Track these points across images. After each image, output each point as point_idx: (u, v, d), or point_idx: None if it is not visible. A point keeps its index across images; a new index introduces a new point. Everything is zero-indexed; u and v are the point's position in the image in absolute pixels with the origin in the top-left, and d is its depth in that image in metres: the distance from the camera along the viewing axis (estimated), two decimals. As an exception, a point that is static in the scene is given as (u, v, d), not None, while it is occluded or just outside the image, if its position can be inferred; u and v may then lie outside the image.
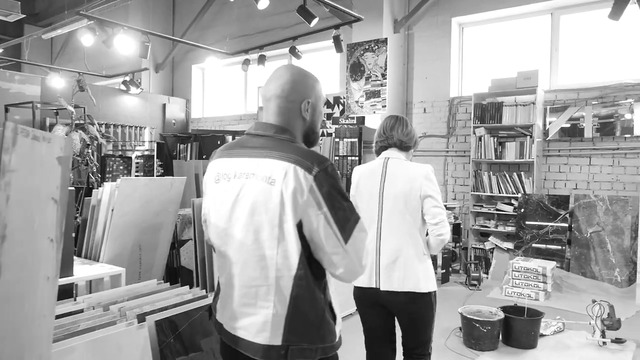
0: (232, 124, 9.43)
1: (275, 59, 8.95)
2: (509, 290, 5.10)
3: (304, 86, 1.45)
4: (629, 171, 5.56)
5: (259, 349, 1.35)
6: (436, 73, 6.88)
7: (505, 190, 5.95)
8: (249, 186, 1.36)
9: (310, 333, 1.35)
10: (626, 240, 5.18)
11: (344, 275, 1.36)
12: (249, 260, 1.36)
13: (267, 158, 1.34)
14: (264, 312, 1.34)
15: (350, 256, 1.32)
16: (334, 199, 1.30)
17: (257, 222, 1.34)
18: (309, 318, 1.35)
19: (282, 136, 1.40)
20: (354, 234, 1.33)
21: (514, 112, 5.88)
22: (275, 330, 1.33)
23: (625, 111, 5.51)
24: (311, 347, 1.35)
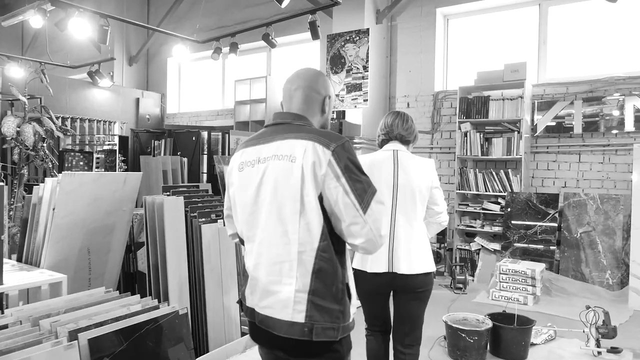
0: (209, 119, 9.04)
1: (252, 52, 8.59)
2: (496, 294, 4.82)
3: (326, 83, 1.61)
4: (619, 168, 5.32)
5: (283, 325, 1.38)
6: (420, 66, 6.59)
7: (492, 189, 5.68)
8: (271, 167, 1.42)
9: (332, 310, 1.38)
10: (618, 240, 4.94)
11: (365, 245, 1.38)
12: (273, 237, 1.41)
13: (287, 139, 1.42)
14: (287, 289, 1.38)
15: (369, 226, 1.36)
16: (351, 171, 1.37)
17: (279, 198, 1.40)
18: (331, 293, 1.39)
19: (300, 121, 1.49)
20: (372, 205, 1.37)
21: (500, 106, 5.61)
22: (298, 306, 1.36)
23: (616, 106, 5.27)
24: (334, 325, 1.38)
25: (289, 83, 1.59)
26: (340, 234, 1.41)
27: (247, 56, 8.75)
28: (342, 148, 1.39)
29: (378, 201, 1.39)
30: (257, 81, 7.66)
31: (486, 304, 4.71)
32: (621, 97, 5.22)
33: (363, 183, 1.38)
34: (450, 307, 4.61)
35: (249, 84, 7.73)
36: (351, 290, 1.46)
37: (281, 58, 8.31)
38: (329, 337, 1.37)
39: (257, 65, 8.56)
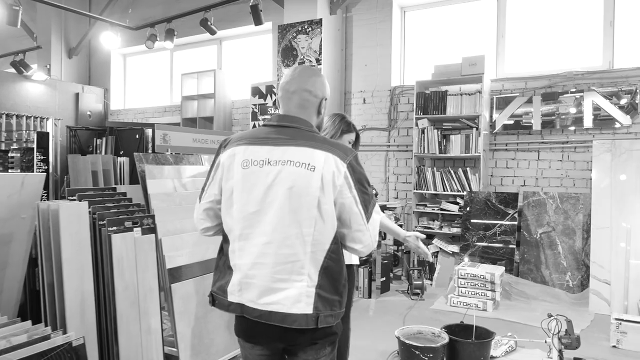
0: (155, 116, 8.47)
1: (201, 45, 8.09)
2: (455, 300, 4.55)
3: (324, 85, 1.65)
4: (579, 166, 5.16)
5: (296, 318, 1.49)
6: (377, 60, 6.28)
7: (450, 188, 5.42)
8: (287, 172, 1.49)
9: (334, 300, 1.54)
10: (578, 241, 4.76)
11: (363, 250, 1.57)
12: (286, 239, 1.49)
13: (302, 147, 1.50)
14: (298, 285, 1.49)
15: (369, 233, 1.54)
16: (361, 184, 1.53)
17: (295, 203, 1.48)
18: (334, 286, 1.55)
19: (306, 127, 1.57)
20: (373, 215, 1.56)
21: (458, 102, 5.36)
22: (307, 299, 1.49)
23: (574, 101, 5.10)
24: (333, 313, 1.53)
25: (287, 84, 1.63)
26: (343, 238, 1.56)
27: (197, 49, 8.25)
28: (356, 162, 1.55)
29: (377, 212, 1.59)
30: (206, 75, 7.18)
31: (444, 311, 4.43)
32: (579, 95, 5.05)
33: (369, 195, 1.55)
34: (407, 316, 4.30)
35: (197, 78, 7.24)
36: (347, 284, 1.63)
37: (232, 51, 7.84)
38: (329, 324, 1.53)
39: (207, 59, 8.06)
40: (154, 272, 2.80)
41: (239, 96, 7.42)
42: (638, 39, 5.08)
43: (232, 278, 1.58)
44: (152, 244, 2.80)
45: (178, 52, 8.51)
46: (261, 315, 1.53)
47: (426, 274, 5.50)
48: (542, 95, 5.25)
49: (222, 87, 7.11)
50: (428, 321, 4.13)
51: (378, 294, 4.89)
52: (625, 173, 4.48)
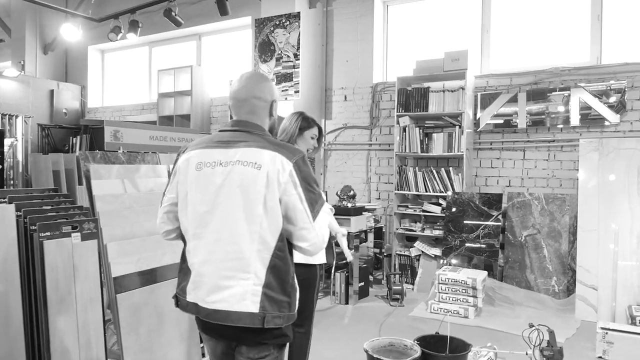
0: (133, 114, 8.20)
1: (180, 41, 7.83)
2: (435, 307, 4.33)
3: (272, 89, 1.72)
4: (565, 166, 4.95)
5: (240, 316, 1.51)
6: (358, 55, 6.05)
7: (433, 189, 5.20)
8: (236, 171, 1.55)
9: (282, 301, 1.55)
10: (564, 244, 4.55)
11: (310, 248, 1.58)
12: (232, 236, 1.53)
13: (250, 148, 1.57)
14: (243, 283, 1.51)
15: (316, 231, 1.57)
16: (307, 182, 1.56)
17: (242, 201, 1.53)
18: (282, 287, 1.56)
19: (258, 131, 1.63)
20: (321, 214, 1.59)
21: (441, 99, 5.14)
22: (253, 298, 1.50)
23: (563, 100, 4.90)
24: (281, 314, 1.54)
25: (237, 92, 1.68)
26: (290, 236, 1.57)
27: (176, 45, 7.99)
28: (302, 162, 1.57)
29: (325, 211, 1.63)
30: (183, 71, 6.92)
31: (424, 318, 4.21)
32: (567, 93, 4.84)
33: (315, 194, 1.58)
34: (384, 324, 4.07)
35: (173, 75, 6.98)
36: (296, 284, 1.62)
37: (212, 47, 7.59)
38: (277, 325, 1.53)
39: (187, 55, 7.80)
40: (96, 281, 2.55)
41: (219, 93, 7.17)
42: (626, 34, 4.89)
43: (189, 278, 1.62)
44: (95, 251, 2.55)
45: (157, 48, 8.25)
46: (208, 315, 1.56)
47: (408, 278, 5.28)
48: (529, 93, 5.04)
49: (200, 84, 6.85)
50: (405, 330, 3.91)
51: (356, 300, 4.66)
52: (613, 173, 4.28)
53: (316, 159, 6.15)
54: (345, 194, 4.73)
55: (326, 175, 6.25)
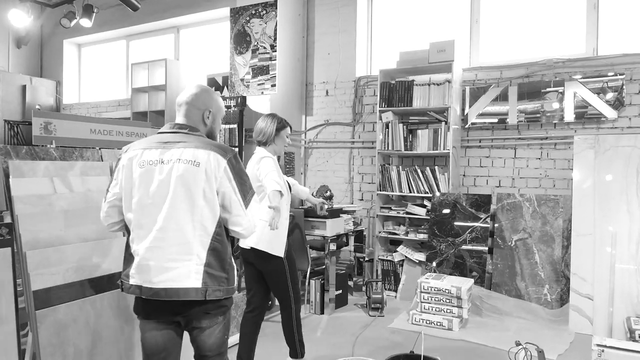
0: (109, 110, 7.83)
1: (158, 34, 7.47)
2: (417, 317, 3.98)
3: (208, 99, 1.96)
4: (559, 165, 4.61)
5: (187, 292, 1.78)
6: (340, 48, 5.70)
7: (417, 189, 4.85)
8: (176, 169, 1.78)
9: (221, 277, 1.84)
10: (557, 249, 4.20)
11: (244, 232, 1.88)
12: (176, 224, 1.78)
13: (189, 148, 1.81)
14: (187, 264, 1.78)
15: (248, 218, 1.86)
16: (239, 177, 1.85)
17: (186, 195, 1.78)
18: (221, 265, 1.84)
19: (193, 132, 1.89)
20: (251, 203, 1.89)
21: (426, 92, 4.79)
22: (197, 275, 1.78)
23: (555, 93, 4.55)
24: (220, 288, 1.83)
25: (178, 98, 1.98)
26: (226, 222, 1.86)
27: (154, 38, 7.62)
28: (234, 158, 1.85)
29: (255, 200, 1.92)
30: (158, 65, 6.56)
31: (404, 330, 3.85)
32: (560, 89, 4.50)
33: (246, 186, 1.89)
34: (360, 337, 3.72)
35: (147, 69, 6.61)
36: (234, 263, 1.92)
37: (191, 40, 7.22)
38: (217, 297, 1.83)
39: (165, 48, 7.44)
40: (10, 296, 2.20)
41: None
42: (624, 24, 4.54)
43: (132, 264, 1.83)
44: (8, 260, 2.19)
45: (135, 41, 7.88)
46: (156, 293, 1.78)
47: (392, 285, 4.93)
48: (520, 86, 4.70)
49: (175, 78, 6.49)
50: (382, 344, 3.56)
51: (332, 309, 4.30)
52: (610, 172, 3.94)
53: (296, 158, 5.81)
54: (321, 195, 4.38)
55: (307, 175, 5.90)
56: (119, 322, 2.64)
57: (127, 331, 2.68)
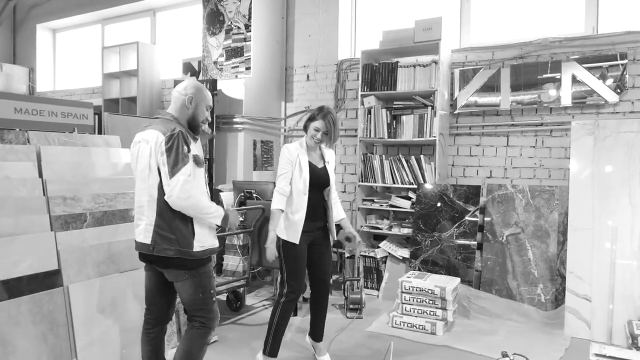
0: (83, 98, 7.42)
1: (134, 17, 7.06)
2: (397, 320, 3.62)
3: (193, 87, 2.28)
4: (555, 153, 4.25)
5: (141, 246, 2.19)
6: (321, 29, 5.31)
7: (401, 180, 4.48)
8: (140, 147, 2.20)
9: (169, 237, 2.13)
10: (552, 245, 3.84)
11: (169, 199, 2.09)
12: (137, 192, 2.22)
13: (148, 129, 2.20)
14: (143, 223, 2.17)
15: (171, 188, 2.07)
16: (170, 151, 2.08)
17: (140, 167, 2.18)
18: (169, 228, 2.13)
19: (165, 117, 2.25)
20: (177, 175, 2.06)
21: (411, 75, 4.41)
22: (147, 234, 2.15)
23: (551, 75, 4.18)
24: (169, 247, 2.12)
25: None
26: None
27: (130, 22, 7.21)
28: (170, 137, 2.09)
29: (184, 174, 2.08)
30: (130, 48, 6.15)
31: (382, 335, 3.50)
32: (557, 75, 4.13)
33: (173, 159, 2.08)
34: (333, 342, 3.37)
35: (119, 53, 6.21)
36: (195, 230, 2.17)
37: (167, 23, 6.81)
38: (168, 255, 2.13)
39: (142, 32, 7.03)
40: None
41: (173, 74, 6.41)
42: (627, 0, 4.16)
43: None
44: None
45: (110, 25, 7.47)
46: (135, 244, 2.26)
47: (373, 283, 4.57)
48: (514, 69, 4.32)
49: (148, 63, 6.10)
50: (356, 351, 3.21)
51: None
52: (611, 161, 3.57)
53: (275, 147, 5.43)
54: (295, 186, 4.00)
55: (287, 166, 5.52)
56: (41, 330, 2.28)
57: (52, 340, 2.31)
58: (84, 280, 2.54)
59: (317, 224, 2.85)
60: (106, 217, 2.75)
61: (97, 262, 2.61)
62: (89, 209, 2.67)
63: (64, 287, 2.44)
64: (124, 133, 5.22)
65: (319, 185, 2.86)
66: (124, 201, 2.88)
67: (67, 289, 2.44)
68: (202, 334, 2.22)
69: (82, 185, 2.67)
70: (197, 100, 2.24)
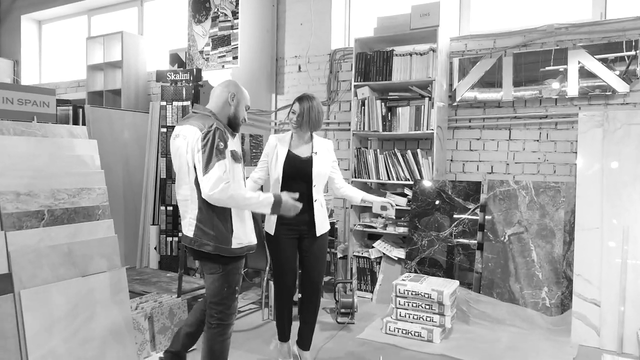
0: (68, 91, 7.16)
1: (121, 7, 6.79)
2: (392, 327, 3.37)
3: (235, 86, 2.34)
4: (560, 147, 3.99)
5: (186, 239, 2.26)
6: (315, 18, 5.04)
7: (397, 176, 4.22)
8: (178, 142, 2.24)
9: (209, 233, 2.17)
10: (557, 245, 3.59)
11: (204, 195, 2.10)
12: (179, 187, 2.26)
13: (185, 124, 2.23)
14: (188, 216, 2.23)
15: (205, 183, 2.07)
16: (205, 147, 2.09)
17: (180, 163, 2.22)
18: (210, 223, 2.17)
19: (204, 112, 2.27)
20: (211, 171, 2.06)
21: (407, 64, 4.14)
22: (191, 227, 2.21)
23: (556, 63, 3.92)
24: (208, 242, 2.18)
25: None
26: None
27: (117, 12, 6.94)
28: (207, 132, 2.10)
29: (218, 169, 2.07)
30: (114, 39, 5.88)
31: (374, 342, 3.24)
32: (563, 68, 3.87)
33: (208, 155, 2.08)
34: (321, 350, 3.11)
35: (103, 43, 5.94)
36: (234, 227, 2.22)
37: (155, 13, 6.54)
38: (205, 249, 2.19)
39: (129, 24, 6.76)
40: None
41: (159, 66, 6.14)
42: (639, -17, 3.90)
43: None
44: None
45: (97, 16, 7.20)
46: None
47: (367, 285, 4.32)
48: (516, 57, 4.06)
49: (133, 54, 5.83)
50: (349, 357, 2.95)
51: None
52: (621, 155, 3.32)
53: (265, 142, 5.16)
54: (282, 182, 3.74)
55: (278, 161, 5.26)
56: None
57: (-2, 355, 2.05)
58: (40, 285, 2.28)
59: (302, 217, 2.60)
60: (67, 214, 2.49)
61: (55, 264, 2.35)
62: (47, 206, 2.41)
63: (14, 293, 2.18)
64: (107, 126, 4.98)
65: (301, 176, 2.67)
66: (89, 197, 2.62)
67: (18, 295, 2.18)
68: (219, 332, 2.25)
69: (40, 179, 2.40)
70: (239, 98, 2.31)
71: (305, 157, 2.72)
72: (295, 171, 2.69)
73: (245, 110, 2.35)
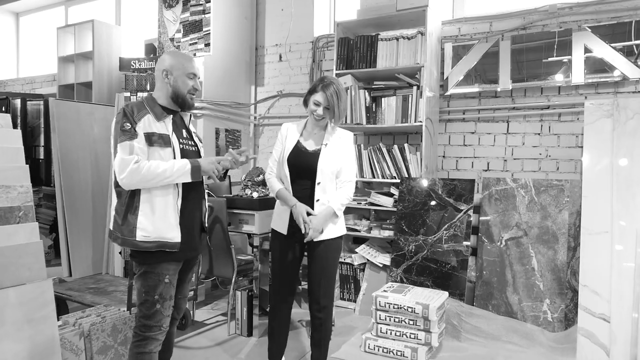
0: (44, 86, 6.81)
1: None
2: (372, 344, 2.96)
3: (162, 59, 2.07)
4: (564, 141, 3.57)
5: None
6: (297, 2, 4.65)
7: (382, 173, 3.81)
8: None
9: (117, 222, 1.98)
10: (561, 252, 3.17)
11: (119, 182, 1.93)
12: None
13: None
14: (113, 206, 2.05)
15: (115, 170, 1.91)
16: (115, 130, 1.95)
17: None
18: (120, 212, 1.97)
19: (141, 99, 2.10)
20: (116, 155, 1.90)
21: (393, 49, 3.74)
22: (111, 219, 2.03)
23: (560, 47, 3.50)
24: (117, 234, 1.97)
25: None
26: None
27: (95, 2, 6.57)
28: (118, 114, 1.97)
29: (121, 151, 1.90)
30: (85, 28, 5.50)
31: (350, 363, 2.83)
32: (566, 54, 3.45)
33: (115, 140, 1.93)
34: (287, 373, 2.70)
35: (74, 33, 5.57)
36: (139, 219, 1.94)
37: (134, 3, 6.17)
38: (114, 240, 1.99)
39: (106, 14, 6.39)
40: None
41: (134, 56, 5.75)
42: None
43: None
44: None
45: (74, 7, 6.83)
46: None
47: (350, 294, 3.91)
48: (515, 39, 3.65)
49: (105, 44, 5.45)
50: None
51: (264, 329, 3.29)
52: (634, 149, 2.90)
53: (243, 137, 4.78)
54: (251, 179, 3.35)
55: (258, 158, 4.87)
56: None
57: None
58: None
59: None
60: (-23, 217, 2.10)
61: (-46, 277, 1.96)
62: (-51, 207, 2.02)
63: None
64: (74, 121, 4.60)
65: (303, 170, 2.29)
66: (7, 197, 2.23)
67: None
68: (136, 343, 1.99)
69: (-59, 175, 2.02)
70: (174, 71, 2.02)
71: (313, 150, 2.34)
72: (299, 165, 2.31)
73: (190, 80, 2.04)
